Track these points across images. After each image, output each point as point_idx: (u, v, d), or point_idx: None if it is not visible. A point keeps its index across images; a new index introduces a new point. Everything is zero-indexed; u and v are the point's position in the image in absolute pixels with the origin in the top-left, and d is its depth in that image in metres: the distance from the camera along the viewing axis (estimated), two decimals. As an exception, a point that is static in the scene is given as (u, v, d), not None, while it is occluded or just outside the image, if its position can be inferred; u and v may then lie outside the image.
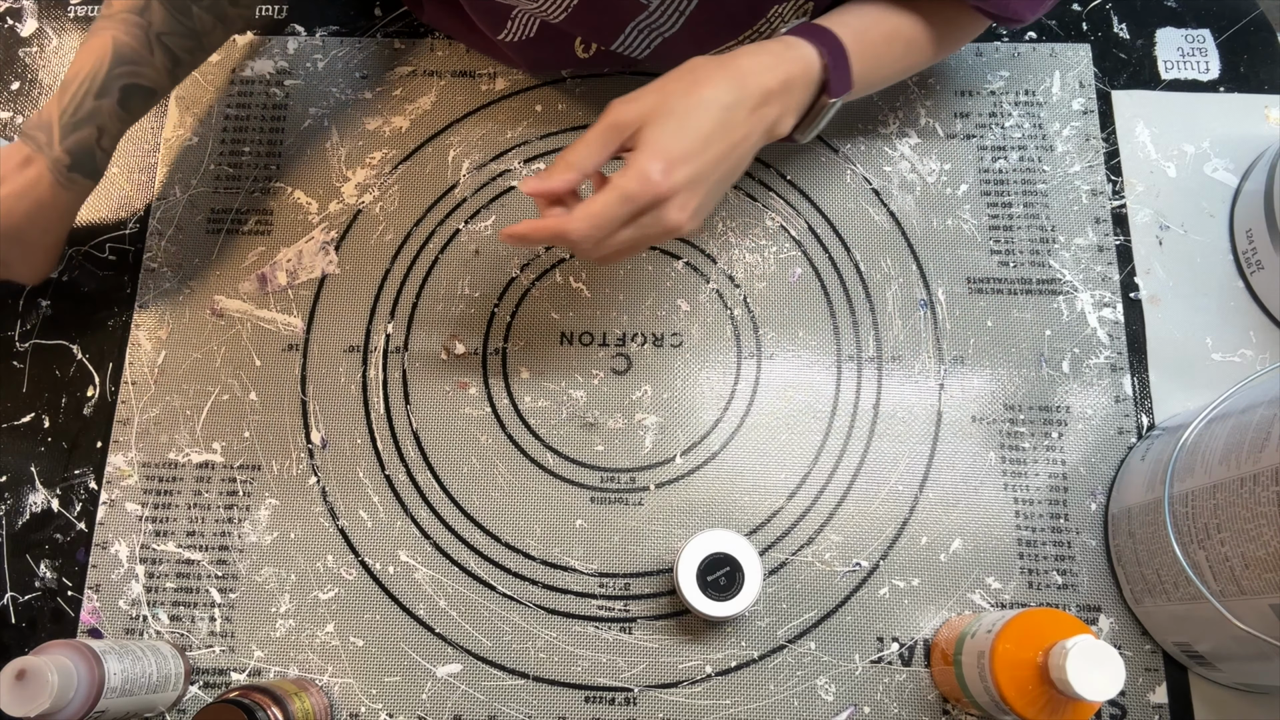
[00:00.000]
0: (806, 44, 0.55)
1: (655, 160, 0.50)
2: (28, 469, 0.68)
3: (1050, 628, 0.53)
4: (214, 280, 0.72)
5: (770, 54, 0.54)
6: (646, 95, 0.51)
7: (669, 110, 0.51)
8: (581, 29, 0.65)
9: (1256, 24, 0.77)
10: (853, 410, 0.68)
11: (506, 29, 0.65)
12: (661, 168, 0.50)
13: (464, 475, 0.68)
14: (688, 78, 0.52)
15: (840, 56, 0.56)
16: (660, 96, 0.51)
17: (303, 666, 0.64)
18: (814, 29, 0.56)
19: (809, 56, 0.55)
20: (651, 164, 0.49)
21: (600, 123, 0.51)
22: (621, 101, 0.51)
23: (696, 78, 0.52)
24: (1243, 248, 0.70)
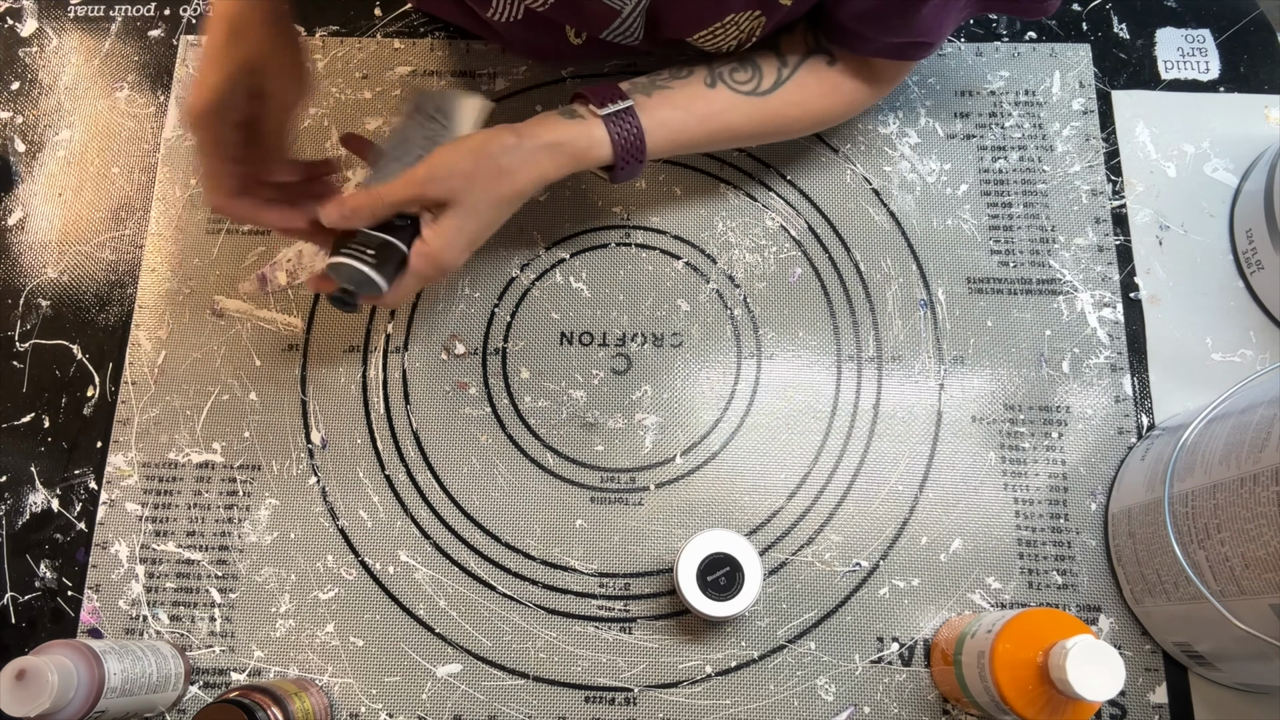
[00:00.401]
0: (607, 147, 0.60)
1: (449, 251, 0.59)
2: (28, 469, 0.68)
3: (1050, 628, 0.53)
4: (214, 280, 0.72)
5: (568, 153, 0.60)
6: (456, 179, 0.57)
7: (471, 205, 0.58)
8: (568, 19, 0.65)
9: (1256, 24, 0.77)
10: (853, 410, 0.68)
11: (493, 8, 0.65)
12: (452, 258, 0.59)
13: (464, 475, 0.68)
14: (491, 167, 0.58)
15: (633, 158, 0.61)
16: (467, 184, 0.58)
17: (303, 666, 0.64)
18: (627, 128, 0.60)
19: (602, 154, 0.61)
20: (445, 255, 0.59)
21: (414, 189, 0.57)
22: (436, 180, 0.57)
23: (500, 173, 0.58)
24: (1243, 248, 0.70)
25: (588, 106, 0.61)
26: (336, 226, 0.57)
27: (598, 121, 0.60)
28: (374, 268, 0.57)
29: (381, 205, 0.57)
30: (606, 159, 0.61)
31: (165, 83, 0.77)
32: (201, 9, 0.79)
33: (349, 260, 0.57)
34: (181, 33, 0.79)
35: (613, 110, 0.60)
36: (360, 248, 0.58)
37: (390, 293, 0.59)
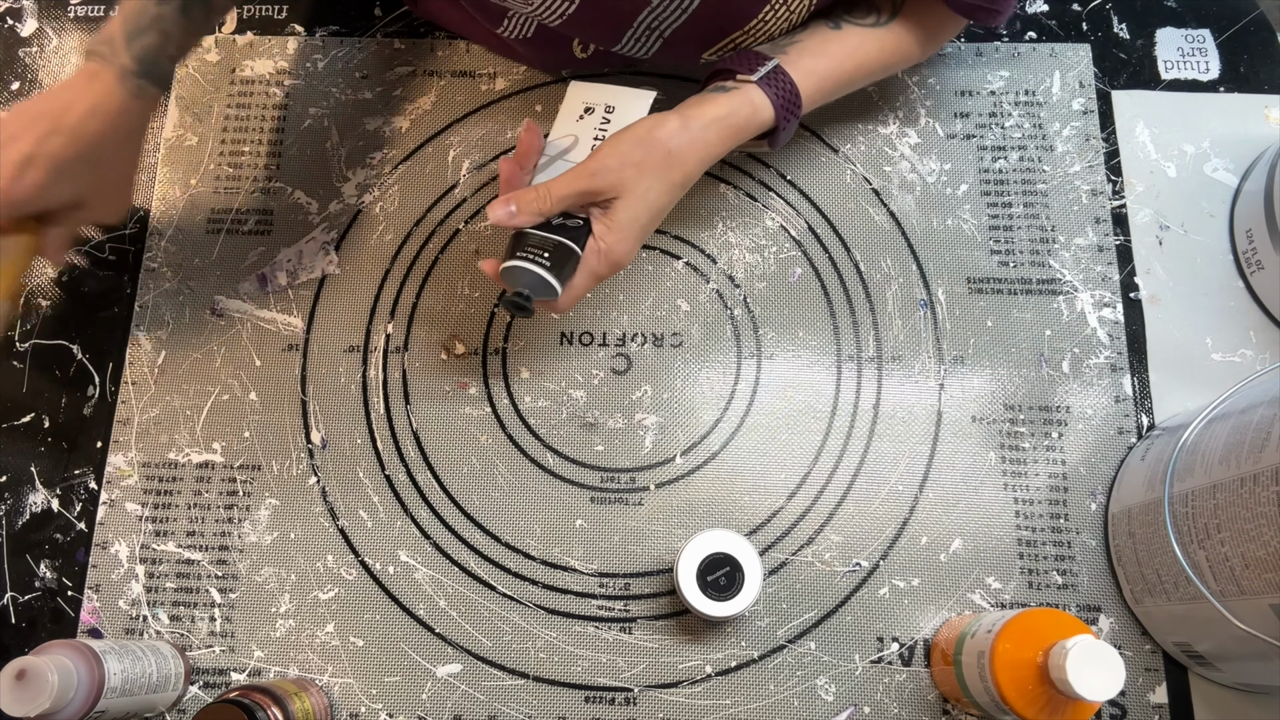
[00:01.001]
0: (769, 109, 0.60)
1: (624, 244, 0.58)
2: (28, 469, 0.68)
3: (1050, 628, 0.53)
4: (214, 280, 0.72)
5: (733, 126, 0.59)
6: (626, 170, 0.56)
7: (643, 194, 0.57)
8: (581, 32, 0.65)
9: (1256, 24, 0.77)
10: (853, 410, 0.68)
11: (504, 26, 0.65)
12: (627, 250, 0.58)
13: (464, 475, 0.68)
14: (660, 153, 0.57)
15: (792, 114, 0.61)
16: (638, 173, 0.57)
17: (303, 666, 0.64)
18: (781, 85, 0.60)
19: (765, 117, 0.60)
20: (620, 248, 0.58)
21: (583, 183, 0.56)
22: (606, 171, 0.56)
23: (670, 158, 0.57)
24: (1243, 248, 0.70)
25: (735, 77, 0.60)
26: (502, 225, 0.56)
27: (752, 87, 0.59)
28: (549, 270, 0.56)
29: (550, 201, 0.56)
30: (769, 122, 0.60)
31: (165, 83, 0.77)
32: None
33: (524, 264, 0.56)
34: (181, 33, 0.79)
35: (764, 72, 0.60)
36: (535, 251, 0.56)
37: (564, 295, 0.57)
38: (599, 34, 0.64)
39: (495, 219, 0.56)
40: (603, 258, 0.58)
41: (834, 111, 0.74)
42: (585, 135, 0.61)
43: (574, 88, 0.63)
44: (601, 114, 0.61)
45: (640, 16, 0.61)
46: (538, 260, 0.56)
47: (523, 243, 0.57)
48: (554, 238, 0.57)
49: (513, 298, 0.56)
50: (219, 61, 0.78)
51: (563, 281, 0.57)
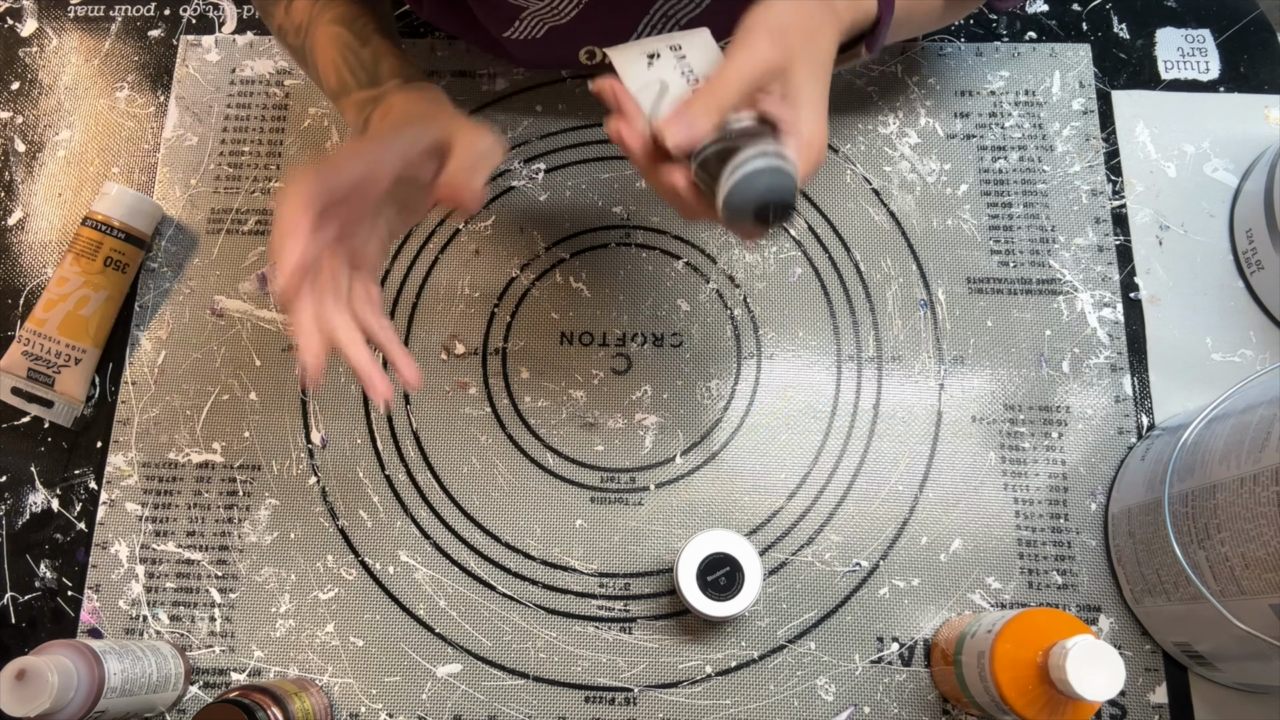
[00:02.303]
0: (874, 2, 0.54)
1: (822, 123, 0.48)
2: (28, 469, 0.68)
3: (1050, 628, 0.53)
4: (214, 280, 0.72)
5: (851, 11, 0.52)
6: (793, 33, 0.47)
7: (814, 59, 0.48)
8: (592, 30, 0.65)
9: (1256, 24, 0.77)
10: (853, 410, 0.68)
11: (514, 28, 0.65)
12: (825, 131, 0.48)
13: (464, 475, 0.68)
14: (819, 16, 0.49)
15: (889, 14, 0.55)
16: (805, 38, 0.48)
17: (303, 666, 0.64)
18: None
19: (870, 11, 0.54)
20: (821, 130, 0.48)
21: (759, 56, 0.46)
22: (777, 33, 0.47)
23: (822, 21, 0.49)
24: (1243, 248, 0.70)
25: None
26: (681, 144, 0.45)
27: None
28: (785, 160, 0.44)
29: (727, 93, 0.46)
30: (872, 11, 0.54)
31: (165, 83, 0.77)
32: (201, 9, 0.79)
33: (768, 162, 0.43)
34: (181, 33, 0.79)
35: None
36: (761, 148, 0.44)
37: None
38: (609, 30, 0.64)
39: (677, 140, 0.45)
40: (809, 149, 0.47)
41: (834, 111, 0.74)
42: (672, 77, 0.49)
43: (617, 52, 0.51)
44: (671, 55, 0.50)
45: (655, 6, 0.61)
46: (769, 154, 0.43)
47: (731, 155, 0.44)
48: (764, 135, 0.45)
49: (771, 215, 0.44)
50: (219, 61, 0.78)
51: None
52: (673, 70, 0.50)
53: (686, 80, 0.49)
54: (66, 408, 0.68)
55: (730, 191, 0.44)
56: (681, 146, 0.45)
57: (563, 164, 0.74)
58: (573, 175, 0.74)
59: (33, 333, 0.67)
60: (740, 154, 0.44)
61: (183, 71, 0.78)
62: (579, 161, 0.74)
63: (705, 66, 0.50)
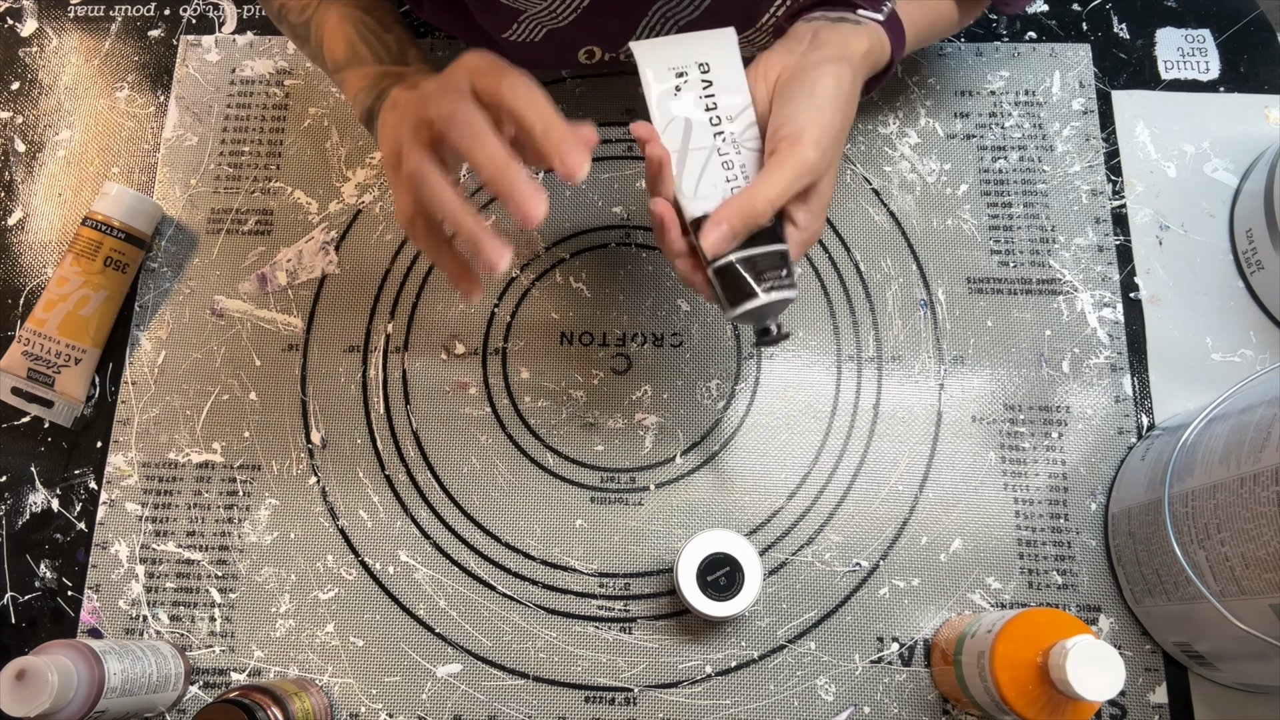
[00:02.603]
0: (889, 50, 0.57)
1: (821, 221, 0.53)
2: (28, 469, 0.68)
3: (1050, 628, 0.53)
4: (214, 280, 0.72)
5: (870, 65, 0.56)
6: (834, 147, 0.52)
7: (836, 164, 0.53)
8: (591, 32, 0.65)
9: (1256, 24, 0.77)
10: (853, 410, 0.68)
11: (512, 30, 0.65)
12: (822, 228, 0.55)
13: (464, 475, 0.68)
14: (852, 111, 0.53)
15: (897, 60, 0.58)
16: (837, 146, 0.52)
17: (303, 666, 0.64)
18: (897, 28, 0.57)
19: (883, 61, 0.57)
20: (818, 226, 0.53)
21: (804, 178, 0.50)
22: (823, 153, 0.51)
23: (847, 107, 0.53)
24: (1243, 248, 0.70)
25: (856, 10, 0.56)
26: (720, 252, 0.50)
27: (878, 26, 0.56)
28: (793, 285, 0.51)
29: (768, 209, 0.50)
30: (884, 64, 0.57)
31: (165, 83, 0.77)
32: (201, 9, 0.79)
33: (777, 295, 0.50)
34: (181, 33, 0.79)
35: (889, 11, 0.57)
36: (774, 275, 0.50)
37: None
38: (608, 33, 0.64)
39: (716, 248, 0.49)
40: (804, 246, 0.53)
41: (834, 111, 0.74)
42: (695, 112, 0.53)
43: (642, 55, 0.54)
44: (698, 78, 0.54)
45: (654, 8, 0.61)
46: (781, 284, 0.50)
47: (754, 267, 0.50)
48: (777, 249, 0.51)
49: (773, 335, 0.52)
50: (219, 61, 0.78)
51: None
52: (698, 108, 0.53)
53: (709, 119, 0.53)
54: (66, 408, 0.68)
55: (746, 311, 0.51)
56: (717, 253, 0.50)
57: (563, 164, 0.74)
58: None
59: (33, 333, 0.68)
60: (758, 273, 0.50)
61: (183, 71, 0.78)
62: (579, 161, 0.74)
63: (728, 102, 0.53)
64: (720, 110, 0.53)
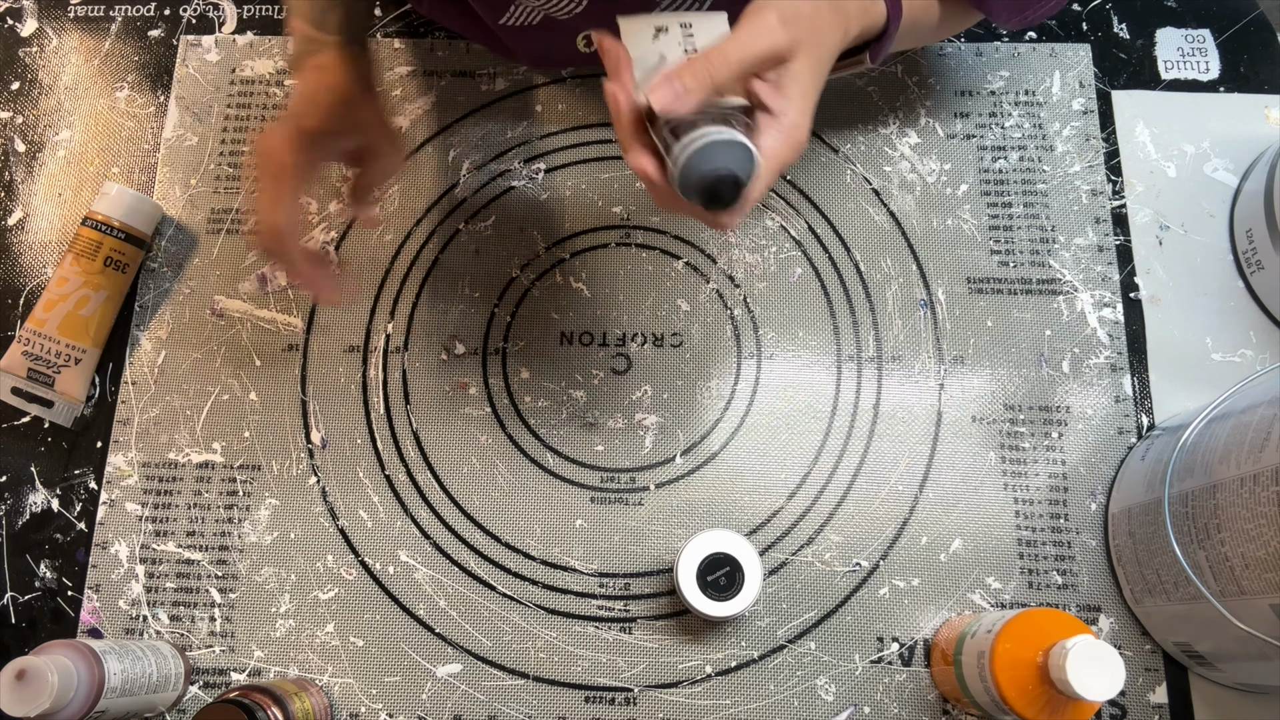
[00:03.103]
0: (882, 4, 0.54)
1: (807, 116, 0.47)
2: (28, 469, 0.68)
3: (1050, 628, 0.53)
4: (214, 280, 0.72)
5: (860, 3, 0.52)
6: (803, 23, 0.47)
7: (818, 58, 0.48)
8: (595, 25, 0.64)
9: (1256, 24, 0.77)
10: (853, 410, 0.68)
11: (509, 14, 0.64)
12: (809, 125, 0.48)
13: (464, 475, 0.68)
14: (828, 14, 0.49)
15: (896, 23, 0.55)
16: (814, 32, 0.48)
17: (303, 666, 0.64)
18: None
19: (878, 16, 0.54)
20: (805, 122, 0.47)
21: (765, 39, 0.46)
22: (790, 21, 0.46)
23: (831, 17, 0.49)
24: (1243, 248, 0.70)
25: None
26: (669, 109, 0.44)
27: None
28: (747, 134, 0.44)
29: (726, 66, 0.45)
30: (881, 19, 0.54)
31: (165, 83, 0.77)
32: (201, 9, 0.79)
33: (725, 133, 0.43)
34: (181, 33, 0.79)
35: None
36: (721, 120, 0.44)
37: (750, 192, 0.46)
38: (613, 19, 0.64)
39: (662, 102, 0.44)
40: (788, 137, 0.46)
41: (834, 111, 0.74)
42: (672, 52, 0.49)
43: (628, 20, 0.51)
44: (679, 31, 0.50)
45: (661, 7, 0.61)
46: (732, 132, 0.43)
47: (695, 125, 0.44)
48: (731, 101, 0.45)
49: (717, 182, 0.43)
50: (219, 61, 0.78)
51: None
52: (676, 46, 0.49)
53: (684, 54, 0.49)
54: (66, 408, 0.68)
55: (685, 163, 0.43)
56: (666, 110, 0.44)
57: (563, 164, 0.74)
58: (573, 175, 0.74)
59: (33, 333, 0.67)
60: (700, 128, 0.43)
61: (183, 71, 0.78)
62: (579, 161, 0.74)
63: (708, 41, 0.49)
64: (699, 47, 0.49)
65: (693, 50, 0.49)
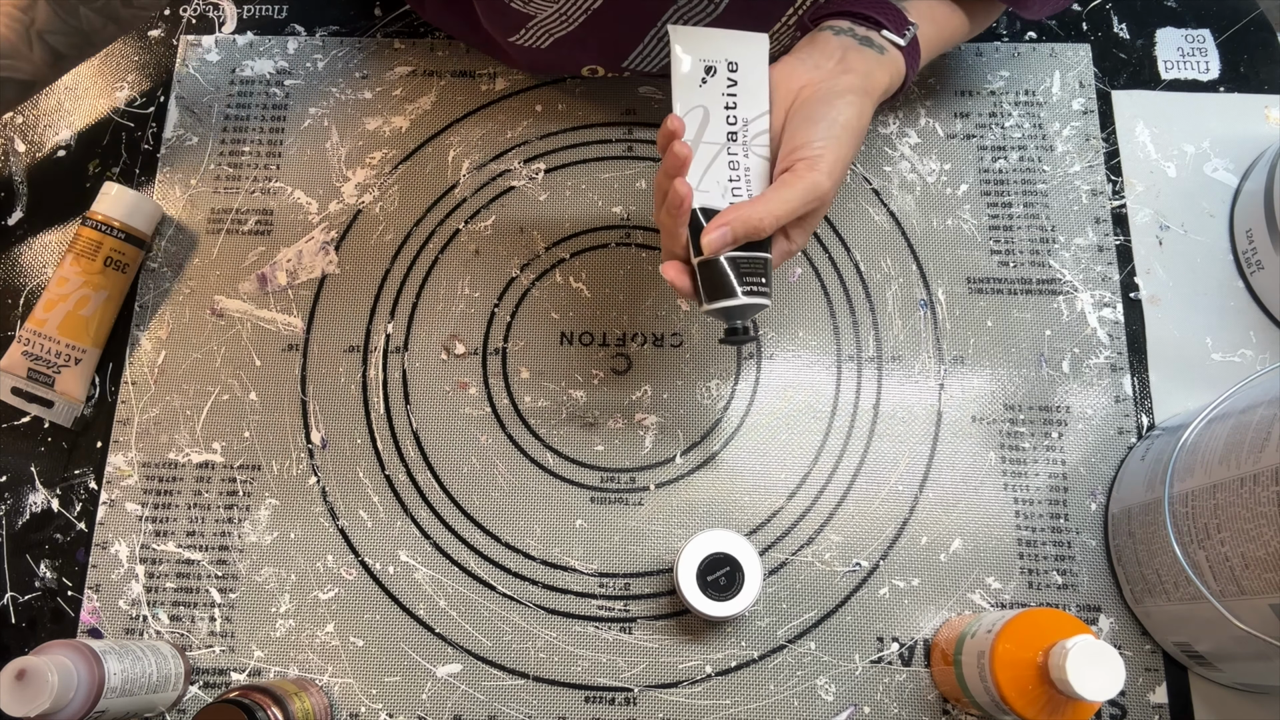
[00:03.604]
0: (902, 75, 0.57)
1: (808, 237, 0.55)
2: (28, 469, 0.68)
3: (1050, 628, 0.53)
4: (214, 280, 0.72)
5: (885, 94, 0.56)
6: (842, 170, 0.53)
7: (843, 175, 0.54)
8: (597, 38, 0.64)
9: (1256, 24, 0.77)
10: (853, 410, 0.68)
11: (519, 35, 0.65)
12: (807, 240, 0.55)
13: (464, 475, 0.68)
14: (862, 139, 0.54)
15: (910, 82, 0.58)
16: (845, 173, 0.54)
17: (303, 666, 0.64)
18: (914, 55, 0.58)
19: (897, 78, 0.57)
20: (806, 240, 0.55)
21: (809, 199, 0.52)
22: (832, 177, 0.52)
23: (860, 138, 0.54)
24: (1243, 248, 0.70)
25: (881, 33, 0.56)
26: (715, 252, 0.51)
27: (898, 54, 0.57)
28: (769, 294, 0.53)
29: (775, 224, 0.51)
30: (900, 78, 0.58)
31: (165, 83, 0.77)
32: (201, 9, 0.79)
33: (753, 300, 0.52)
34: (181, 33, 0.79)
35: (910, 37, 0.57)
36: (755, 280, 0.52)
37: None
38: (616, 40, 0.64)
39: (713, 248, 0.51)
40: (785, 259, 0.55)
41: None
42: (715, 105, 0.54)
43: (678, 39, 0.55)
44: (725, 75, 0.55)
45: (666, 15, 0.61)
46: (758, 290, 0.52)
47: (737, 269, 0.52)
48: (762, 255, 0.53)
49: (747, 335, 0.54)
50: (219, 61, 0.78)
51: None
52: (718, 99, 0.54)
53: (726, 116, 0.54)
54: (66, 408, 0.68)
55: (725, 308, 0.53)
56: (714, 253, 0.51)
57: (563, 164, 0.74)
58: (573, 175, 0.74)
59: (33, 333, 0.67)
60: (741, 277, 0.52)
61: (183, 71, 0.78)
62: (579, 161, 0.74)
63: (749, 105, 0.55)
64: (739, 111, 0.54)
65: (733, 107, 0.54)
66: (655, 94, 0.76)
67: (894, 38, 0.56)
